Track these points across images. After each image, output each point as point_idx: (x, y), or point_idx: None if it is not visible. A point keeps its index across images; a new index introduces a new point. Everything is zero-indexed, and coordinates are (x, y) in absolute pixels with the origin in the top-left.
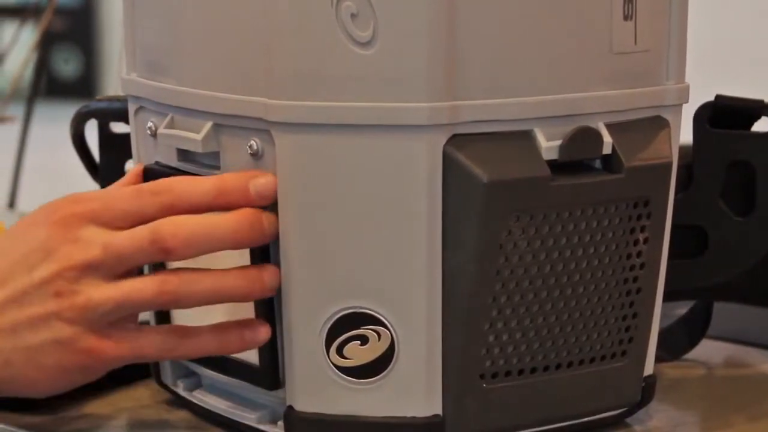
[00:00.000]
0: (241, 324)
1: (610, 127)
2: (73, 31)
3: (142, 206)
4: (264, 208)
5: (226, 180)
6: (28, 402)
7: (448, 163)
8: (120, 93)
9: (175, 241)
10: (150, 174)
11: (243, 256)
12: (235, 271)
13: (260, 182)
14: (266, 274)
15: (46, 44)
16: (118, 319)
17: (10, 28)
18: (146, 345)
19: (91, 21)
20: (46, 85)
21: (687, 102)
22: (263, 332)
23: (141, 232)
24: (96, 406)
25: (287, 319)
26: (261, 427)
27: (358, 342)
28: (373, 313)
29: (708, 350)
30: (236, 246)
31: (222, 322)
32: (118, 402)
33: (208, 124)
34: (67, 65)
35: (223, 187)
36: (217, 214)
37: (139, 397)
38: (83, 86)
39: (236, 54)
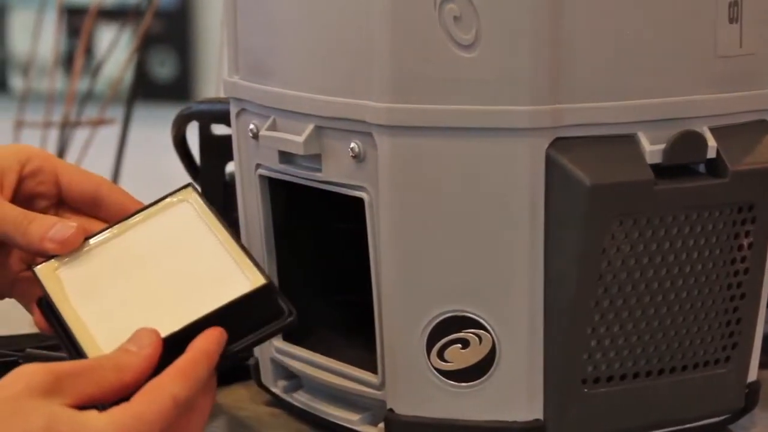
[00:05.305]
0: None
1: (714, 130)
2: (169, 33)
3: None
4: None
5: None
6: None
7: (551, 166)
8: (219, 95)
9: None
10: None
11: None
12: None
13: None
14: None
15: (143, 47)
16: None
17: (106, 31)
18: None
19: (187, 23)
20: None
21: None
22: None
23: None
24: None
25: (388, 322)
26: (361, 429)
27: (460, 345)
28: (474, 316)
29: None
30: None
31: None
32: (218, 401)
33: (310, 127)
34: (162, 68)
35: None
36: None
37: (239, 398)
38: (179, 89)
39: (338, 56)
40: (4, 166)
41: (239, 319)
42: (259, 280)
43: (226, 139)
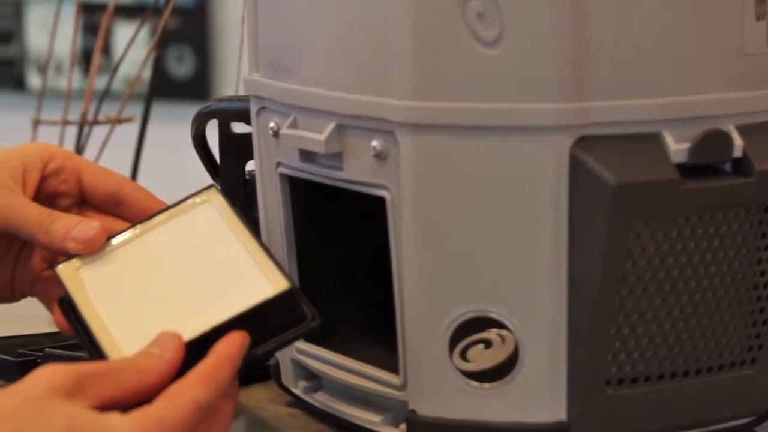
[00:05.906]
0: None
1: (740, 129)
2: (188, 30)
3: None
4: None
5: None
6: None
7: (575, 165)
8: (238, 93)
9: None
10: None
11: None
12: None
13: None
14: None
15: (161, 44)
16: None
17: (124, 28)
18: None
19: (205, 20)
20: (160, 85)
21: None
22: None
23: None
24: None
25: (410, 322)
26: (383, 430)
27: (482, 345)
28: (497, 316)
29: None
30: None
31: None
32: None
33: (331, 125)
34: (181, 65)
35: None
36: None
37: (259, 398)
38: (197, 86)
39: (360, 54)
40: (27, 164)
41: (261, 323)
42: (282, 285)
43: (246, 138)
